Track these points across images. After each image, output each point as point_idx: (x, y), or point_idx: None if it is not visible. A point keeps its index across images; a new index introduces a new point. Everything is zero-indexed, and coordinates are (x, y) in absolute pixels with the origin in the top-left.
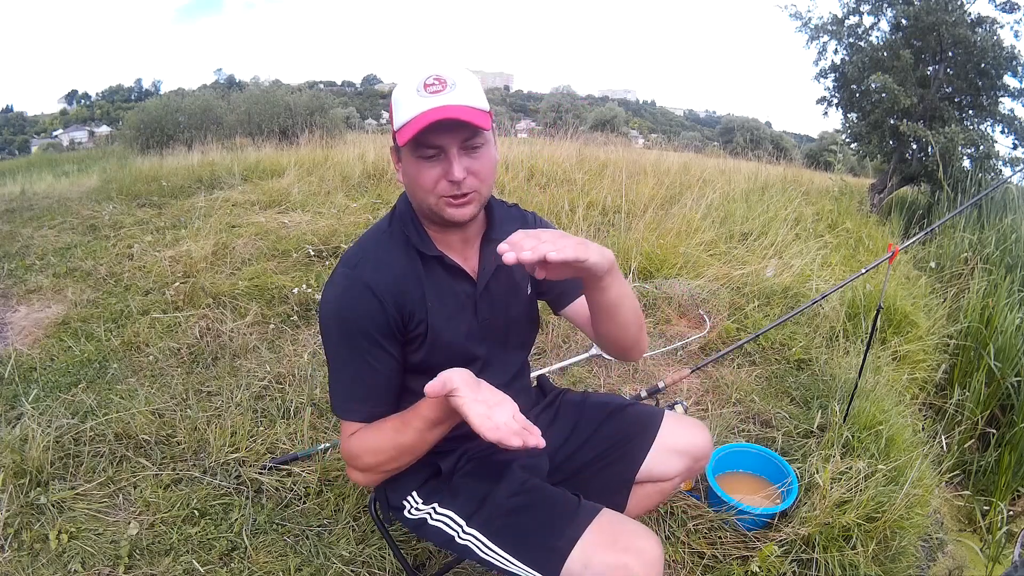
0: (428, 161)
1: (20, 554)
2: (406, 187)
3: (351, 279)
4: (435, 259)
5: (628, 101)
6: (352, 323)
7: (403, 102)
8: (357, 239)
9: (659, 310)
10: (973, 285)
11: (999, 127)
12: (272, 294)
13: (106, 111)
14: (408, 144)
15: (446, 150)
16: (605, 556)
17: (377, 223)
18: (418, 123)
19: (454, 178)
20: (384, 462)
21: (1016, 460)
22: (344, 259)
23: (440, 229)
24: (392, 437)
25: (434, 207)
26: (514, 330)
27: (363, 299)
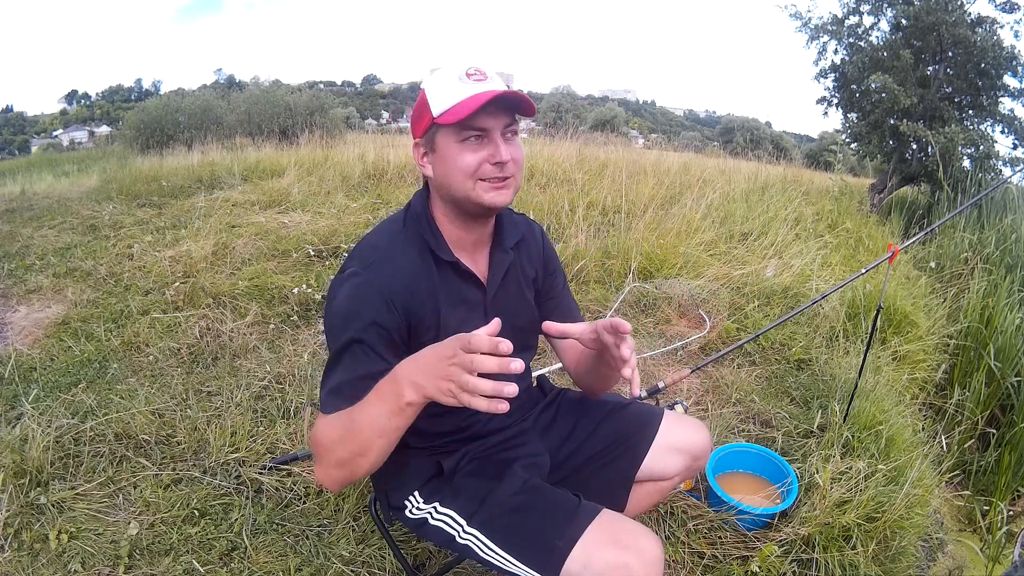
0: (472, 144)
1: (20, 554)
2: (438, 177)
3: (364, 281)
4: (449, 264)
5: (628, 101)
6: (358, 327)
7: (444, 89)
8: (368, 235)
9: (659, 310)
10: (973, 285)
11: (999, 127)
12: (272, 294)
13: (106, 111)
14: (452, 127)
15: (490, 133)
16: (605, 556)
17: (390, 220)
18: (471, 103)
19: (502, 159)
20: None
21: (1016, 460)
22: (356, 256)
23: (461, 226)
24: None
25: (472, 193)
26: (520, 336)
27: (374, 304)
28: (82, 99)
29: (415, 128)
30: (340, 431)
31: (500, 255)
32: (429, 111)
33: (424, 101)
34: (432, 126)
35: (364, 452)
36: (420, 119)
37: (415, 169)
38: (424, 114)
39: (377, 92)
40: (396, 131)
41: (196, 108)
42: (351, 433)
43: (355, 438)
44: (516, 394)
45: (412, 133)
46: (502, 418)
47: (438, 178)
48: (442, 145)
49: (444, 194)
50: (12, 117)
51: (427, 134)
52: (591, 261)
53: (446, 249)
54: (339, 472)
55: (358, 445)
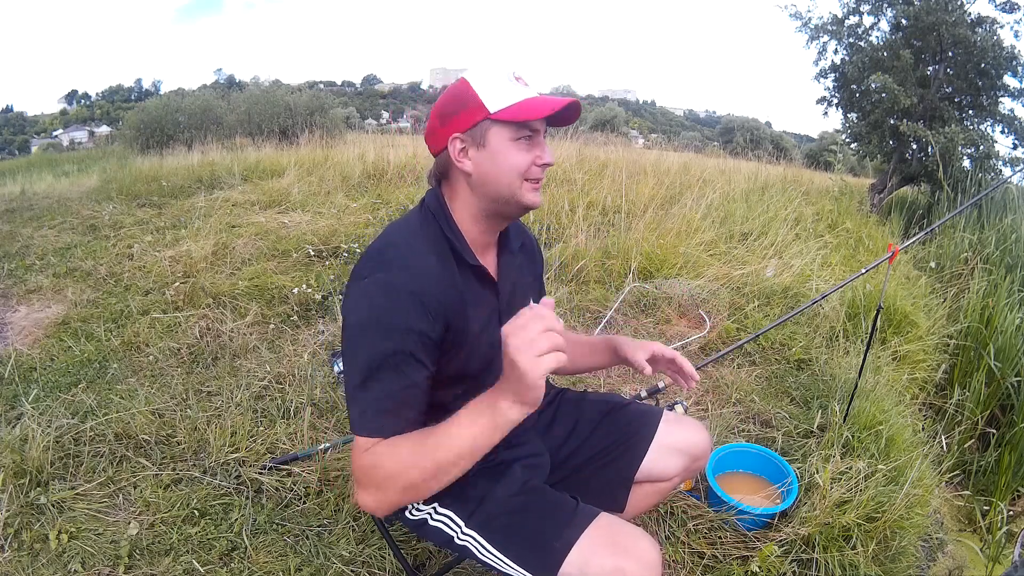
0: (524, 143)
1: (20, 554)
2: (481, 173)
3: (392, 285)
4: (472, 267)
5: (628, 101)
6: (393, 334)
7: (498, 87)
8: (382, 237)
9: (659, 310)
10: (973, 285)
11: (999, 127)
12: (272, 294)
13: (106, 111)
14: (508, 125)
15: (537, 135)
16: (603, 559)
17: (402, 221)
18: (538, 106)
19: (548, 161)
20: (404, 470)
21: (1016, 460)
22: (373, 259)
23: (485, 228)
24: (419, 439)
25: (516, 192)
26: None
27: (409, 309)
28: (82, 99)
29: (454, 122)
30: (414, 456)
31: (508, 258)
32: (480, 106)
33: (471, 95)
34: (483, 121)
35: (441, 476)
36: (463, 113)
37: (415, 169)
38: (472, 108)
39: (377, 92)
40: (396, 131)
41: (196, 108)
42: (430, 458)
43: (436, 462)
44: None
45: (445, 128)
46: None
47: (482, 175)
48: (495, 141)
49: (485, 192)
50: (12, 117)
51: (474, 128)
52: (591, 261)
53: (470, 252)
54: (402, 497)
55: (438, 469)
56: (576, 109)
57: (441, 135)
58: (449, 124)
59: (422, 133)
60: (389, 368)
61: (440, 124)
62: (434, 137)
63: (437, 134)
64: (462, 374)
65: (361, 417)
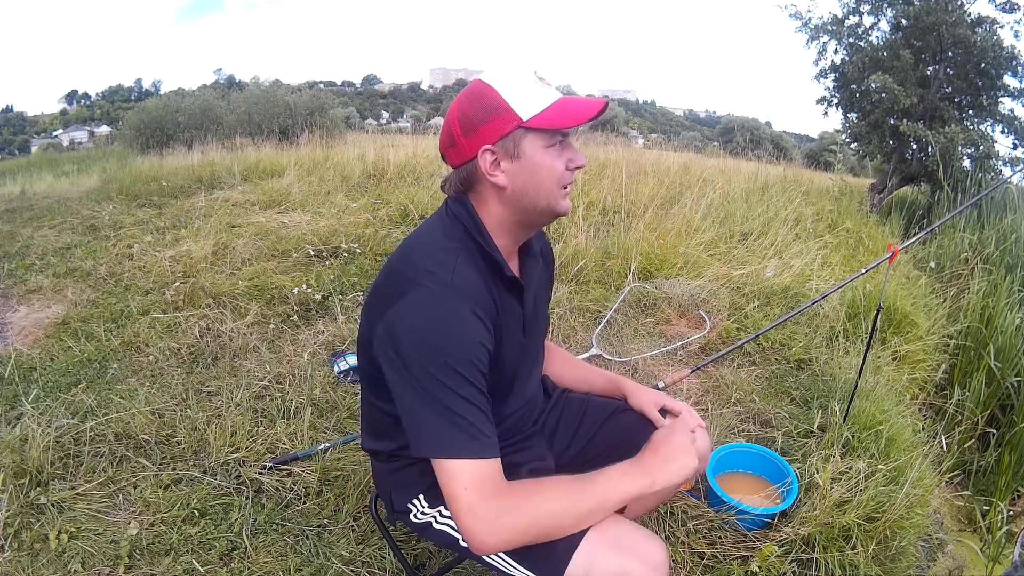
0: (557, 150)
1: (20, 554)
2: (519, 185)
3: (453, 302)
4: (506, 280)
5: (628, 101)
6: (464, 346)
7: (526, 91)
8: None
9: (659, 310)
10: (973, 285)
11: (999, 127)
12: (272, 294)
13: (106, 111)
14: (541, 133)
15: (567, 138)
16: (609, 559)
17: (437, 233)
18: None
19: (581, 163)
20: (556, 512)
21: (1016, 460)
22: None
23: (516, 238)
24: (571, 483)
25: (551, 201)
26: (540, 343)
27: (474, 325)
28: (82, 99)
29: (482, 133)
30: (565, 493)
31: (531, 262)
32: (511, 113)
33: (500, 102)
34: (516, 130)
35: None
36: (493, 122)
37: (415, 169)
38: (504, 117)
39: (377, 92)
40: (396, 131)
41: (196, 108)
42: (577, 501)
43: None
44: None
45: (472, 139)
46: (512, 423)
47: (518, 186)
48: (531, 151)
49: (521, 204)
50: (12, 117)
51: (507, 139)
52: (591, 261)
53: (507, 264)
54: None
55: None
56: (604, 110)
57: (468, 146)
58: (476, 135)
59: (422, 133)
60: (465, 382)
61: (464, 135)
62: (456, 149)
63: (461, 145)
64: (494, 387)
65: (455, 437)
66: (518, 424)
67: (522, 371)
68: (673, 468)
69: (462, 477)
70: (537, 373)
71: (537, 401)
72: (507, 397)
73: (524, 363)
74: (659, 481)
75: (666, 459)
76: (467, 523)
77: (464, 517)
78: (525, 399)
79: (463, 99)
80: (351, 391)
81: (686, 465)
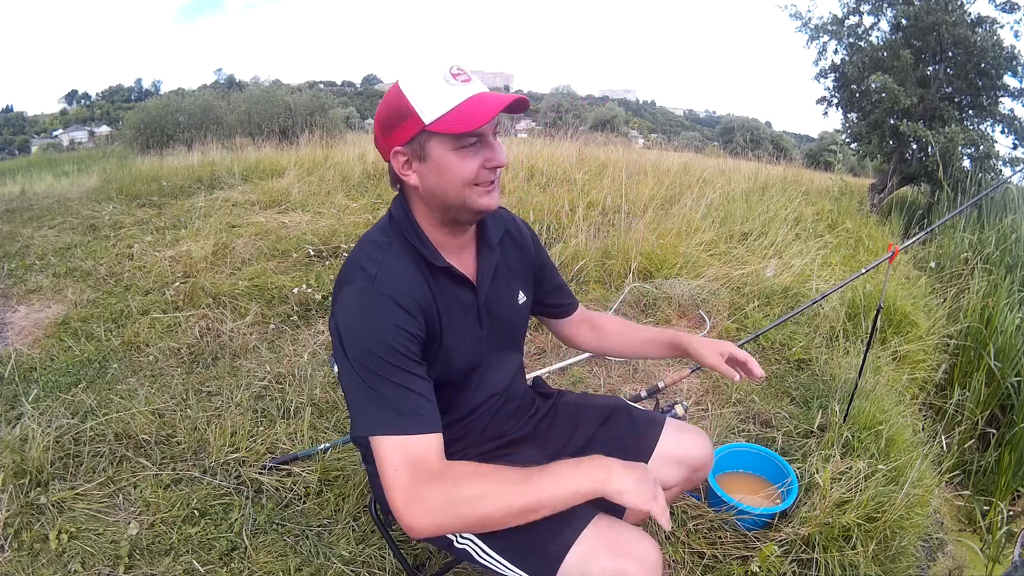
0: (470, 150)
1: (20, 554)
2: (428, 186)
3: (377, 292)
4: (443, 270)
5: (628, 101)
6: (387, 341)
7: (432, 92)
8: (358, 249)
9: (659, 310)
10: (973, 285)
11: (999, 127)
12: (272, 294)
13: (106, 111)
14: (449, 136)
15: (484, 137)
16: (603, 561)
17: (375, 232)
18: (478, 112)
19: (501, 163)
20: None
21: (1016, 460)
22: (356, 270)
23: (449, 232)
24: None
25: (467, 200)
26: (510, 333)
27: (396, 313)
28: (82, 99)
29: (394, 135)
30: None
31: (487, 253)
32: (415, 117)
33: (405, 106)
34: (421, 133)
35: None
36: (401, 126)
37: None
38: (408, 120)
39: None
40: None
41: (196, 108)
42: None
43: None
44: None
45: (387, 140)
46: (500, 424)
47: (428, 187)
48: (436, 154)
49: (435, 203)
50: (12, 117)
51: (413, 142)
52: (591, 261)
53: (438, 255)
54: (462, 527)
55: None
56: (523, 103)
57: (384, 147)
58: (390, 137)
59: None
60: (391, 366)
61: (382, 135)
62: (379, 147)
63: (380, 145)
64: (446, 378)
65: (382, 414)
66: (498, 417)
67: (488, 361)
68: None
69: (392, 456)
70: (512, 363)
71: (518, 394)
72: (473, 386)
73: (489, 353)
74: (613, 481)
75: (626, 467)
76: (396, 504)
77: (394, 498)
78: (496, 389)
79: (382, 102)
80: None
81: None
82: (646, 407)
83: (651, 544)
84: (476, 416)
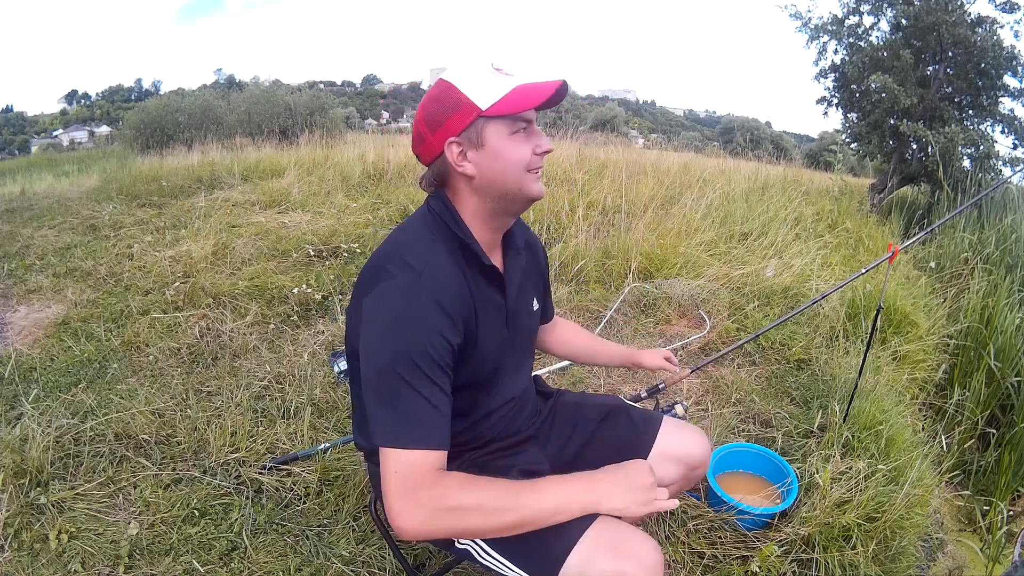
0: (522, 135)
1: (20, 554)
2: (486, 173)
3: (420, 294)
4: (484, 269)
5: (628, 101)
6: (420, 336)
7: (483, 82)
8: (399, 242)
9: (659, 310)
10: (973, 285)
11: (999, 127)
12: (272, 294)
13: (106, 111)
14: (503, 120)
15: (531, 125)
16: (603, 562)
17: (415, 227)
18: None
19: (549, 148)
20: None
21: (1016, 460)
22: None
23: (495, 227)
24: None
25: (523, 185)
26: (527, 338)
27: (437, 318)
28: (82, 99)
29: (446, 127)
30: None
31: (514, 256)
32: (470, 105)
33: (457, 96)
34: (477, 120)
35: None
36: (454, 116)
37: (415, 169)
38: (463, 110)
39: (377, 92)
40: (396, 131)
41: (196, 108)
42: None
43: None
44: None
45: (437, 135)
46: (505, 426)
47: (486, 175)
48: (493, 140)
49: (491, 191)
50: (12, 117)
51: (469, 129)
52: (591, 261)
53: (484, 253)
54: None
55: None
56: (564, 90)
57: (433, 143)
58: (442, 129)
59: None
60: (419, 373)
61: (430, 132)
62: (424, 146)
63: (429, 142)
64: (472, 381)
65: (396, 427)
66: (509, 420)
67: (508, 364)
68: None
69: (393, 462)
70: (527, 368)
71: (530, 400)
72: (493, 390)
73: (510, 356)
74: (604, 503)
75: (617, 486)
76: (390, 505)
77: (389, 501)
78: (514, 394)
79: (426, 99)
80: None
81: (632, 504)
82: (646, 407)
83: (652, 545)
84: (493, 420)
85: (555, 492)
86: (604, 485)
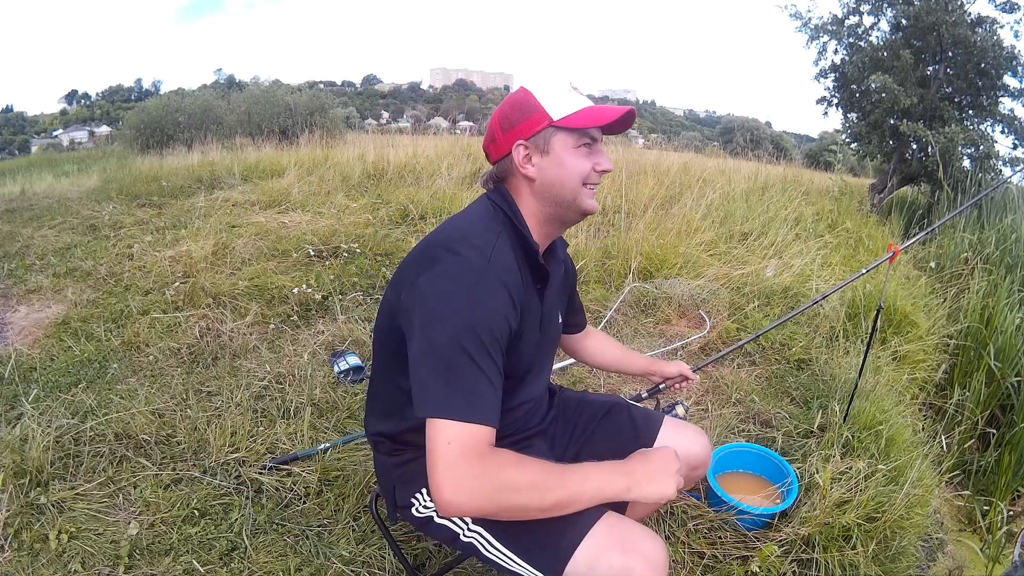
0: (584, 151)
1: (20, 554)
2: (546, 178)
3: (489, 275)
4: (536, 268)
5: (628, 101)
6: (487, 314)
7: (559, 95)
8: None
9: (659, 310)
10: (973, 285)
11: (999, 127)
12: (272, 294)
13: (106, 111)
14: (571, 132)
15: (595, 144)
16: (610, 558)
17: (484, 217)
18: (600, 114)
19: (609, 167)
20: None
21: (1016, 460)
22: (461, 248)
23: (548, 233)
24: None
25: (579, 197)
26: (552, 345)
27: (503, 300)
28: (82, 99)
29: (517, 130)
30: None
31: (555, 266)
32: (543, 113)
33: (533, 104)
34: (547, 128)
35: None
36: (527, 121)
37: (415, 169)
38: (536, 116)
39: (377, 92)
40: (396, 131)
41: (196, 108)
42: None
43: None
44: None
45: (508, 136)
46: (522, 423)
47: (546, 180)
48: (558, 148)
49: (549, 197)
50: (12, 117)
51: (538, 136)
52: (591, 261)
53: (539, 254)
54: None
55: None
56: (632, 118)
57: (504, 142)
58: (512, 131)
59: (422, 133)
60: (483, 350)
61: (503, 132)
62: (495, 145)
63: (500, 142)
64: (509, 374)
65: (453, 399)
66: (526, 418)
67: (536, 365)
68: (652, 487)
69: (446, 433)
70: (548, 371)
71: (544, 400)
72: (520, 387)
73: (538, 358)
74: (634, 491)
75: (648, 474)
76: (439, 479)
77: (438, 471)
78: (534, 395)
79: (505, 103)
80: (351, 391)
81: (664, 490)
82: (647, 407)
83: (658, 542)
84: (513, 416)
85: (595, 476)
86: (635, 474)
